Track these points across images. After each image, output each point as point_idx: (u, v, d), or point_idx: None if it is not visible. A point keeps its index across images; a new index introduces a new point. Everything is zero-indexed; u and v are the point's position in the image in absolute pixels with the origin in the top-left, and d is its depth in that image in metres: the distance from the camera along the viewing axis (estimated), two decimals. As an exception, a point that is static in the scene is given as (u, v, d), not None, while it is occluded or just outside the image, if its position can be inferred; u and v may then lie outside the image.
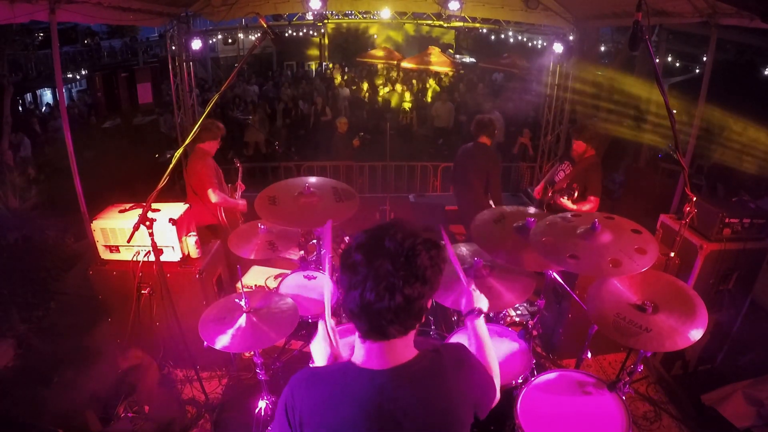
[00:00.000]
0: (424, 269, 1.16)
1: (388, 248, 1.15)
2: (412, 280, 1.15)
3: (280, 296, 2.67)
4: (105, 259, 3.27)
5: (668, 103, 2.68)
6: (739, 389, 3.02)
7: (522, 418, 2.17)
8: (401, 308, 1.16)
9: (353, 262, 1.18)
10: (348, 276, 1.19)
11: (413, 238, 1.17)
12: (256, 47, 3.06)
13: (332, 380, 1.26)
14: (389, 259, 1.14)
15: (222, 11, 6.30)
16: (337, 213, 3.00)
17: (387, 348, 1.22)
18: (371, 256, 1.15)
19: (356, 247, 1.19)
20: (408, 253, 1.15)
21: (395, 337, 1.21)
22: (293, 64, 20.87)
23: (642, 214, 4.22)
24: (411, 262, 1.15)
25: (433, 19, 7.01)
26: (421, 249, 1.16)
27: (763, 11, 3.33)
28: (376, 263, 1.15)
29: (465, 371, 1.31)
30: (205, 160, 4.12)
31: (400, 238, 1.16)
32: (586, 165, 4.10)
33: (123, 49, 19.25)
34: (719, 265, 3.45)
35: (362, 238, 1.20)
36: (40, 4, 3.72)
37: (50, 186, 7.17)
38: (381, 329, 1.19)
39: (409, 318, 1.20)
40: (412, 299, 1.16)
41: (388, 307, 1.15)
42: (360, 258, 1.17)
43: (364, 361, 1.24)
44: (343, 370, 1.27)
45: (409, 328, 1.23)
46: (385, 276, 1.14)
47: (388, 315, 1.16)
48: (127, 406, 2.97)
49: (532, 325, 2.74)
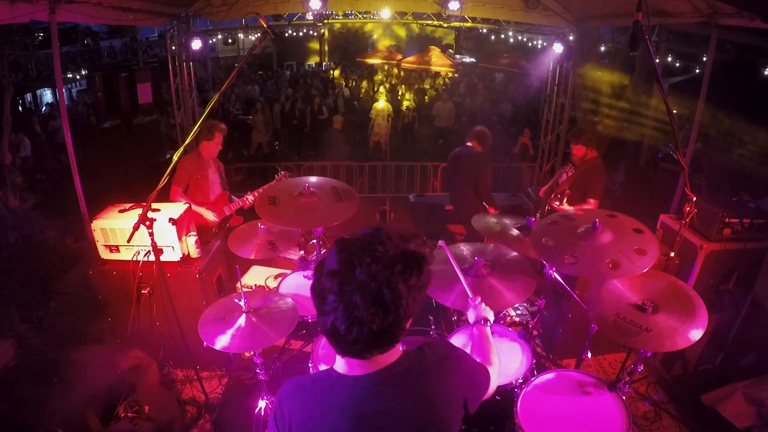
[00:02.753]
0: (398, 300, 1.09)
1: (360, 280, 1.08)
2: (383, 314, 1.09)
3: (280, 296, 2.67)
4: (105, 259, 3.27)
5: (668, 103, 2.68)
6: (739, 389, 3.01)
7: (522, 418, 2.17)
8: (374, 337, 1.12)
9: (322, 290, 1.12)
10: (318, 302, 1.15)
11: (389, 271, 1.08)
12: (256, 47, 3.06)
13: (317, 389, 1.25)
14: (360, 292, 1.07)
15: (222, 11, 6.30)
16: (337, 213, 3.00)
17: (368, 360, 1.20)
18: (341, 287, 1.09)
19: (327, 273, 1.12)
20: (380, 287, 1.08)
21: (373, 356, 1.19)
22: (293, 64, 20.88)
23: (642, 214, 4.21)
24: (383, 296, 1.08)
25: (433, 19, 7.01)
26: (397, 281, 1.09)
27: (763, 11, 3.33)
28: (345, 295, 1.08)
29: (450, 366, 1.30)
30: (188, 156, 4.02)
31: (375, 270, 1.08)
32: (587, 167, 4.11)
33: (123, 49, 19.23)
34: (719, 265, 3.45)
35: (334, 263, 1.12)
36: (40, 4, 3.71)
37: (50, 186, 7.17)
38: (354, 353, 1.18)
39: (385, 344, 1.17)
40: (384, 330, 1.11)
41: (357, 338, 1.11)
42: (329, 285, 1.11)
43: (346, 369, 1.22)
44: (326, 378, 1.25)
45: (386, 349, 1.19)
46: (354, 308, 1.08)
47: (359, 345, 1.13)
48: (127, 406, 2.97)
49: (532, 325, 2.75)
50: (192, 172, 4.08)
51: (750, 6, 3.65)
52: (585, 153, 4.13)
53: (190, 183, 4.10)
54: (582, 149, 4.12)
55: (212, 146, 4.16)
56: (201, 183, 4.15)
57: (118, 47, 19.16)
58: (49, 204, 6.19)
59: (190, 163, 4.06)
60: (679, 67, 14.53)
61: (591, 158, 4.13)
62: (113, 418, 2.91)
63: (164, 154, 8.56)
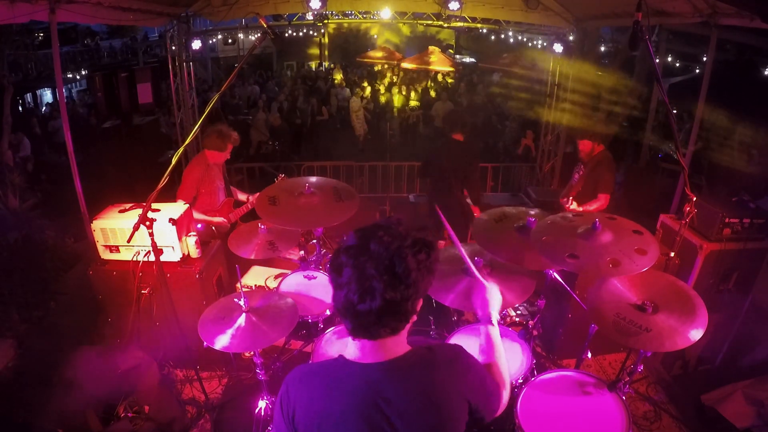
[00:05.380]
0: (408, 273, 1.17)
1: (373, 251, 1.16)
2: (395, 283, 1.16)
3: (280, 296, 2.67)
4: (105, 259, 3.28)
5: (668, 103, 2.68)
6: (739, 389, 3.01)
7: (522, 418, 2.17)
8: (384, 311, 1.18)
9: (339, 263, 1.20)
10: (334, 276, 1.21)
11: (400, 241, 1.18)
12: (256, 47, 3.06)
13: (325, 374, 1.28)
14: (372, 262, 1.16)
15: (222, 11, 6.31)
16: (337, 213, 3.00)
17: (378, 345, 1.24)
18: (356, 259, 1.17)
19: (344, 248, 1.21)
20: (392, 257, 1.16)
21: (384, 337, 1.23)
22: (293, 64, 20.88)
23: (642, 214, 4.21)
24: (394, 266, 1.16)
25: (433, 19, 7.01)
26: (407, 253, 1.17)
27: (763, 11, 3.32)
28: (360, 266, 1.16)
29: (458, 369, 1.31)
30: (194, 165, 3.94)
31: (387, 240, 1.17)
32: (596, 162, 4.10)
33: (123, 49, 19.21)
34: (719, 265, 3.46)
35: (351, 240, 1.21)
36: (40, 4, 3.71)
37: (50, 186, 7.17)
38: (367, 329, 1.22)
39: (395, 320, 1.22)
40: (395, 302, 1.18)
41: (370, 309, 1.17)
42: (346, 259, 1.19)
43: (356, 356, 1.26)
44: (335, 365, 1.29)
45: (396, 329, 1.24)
46: (367, 278, 1.15)
47: (371, 317, 1.18)
48: (127, 406, 2.97)
49: (532, 325, 2.75)
50: (200, 184, 3.94)
51: (750, 6, 3.65)
52: (592, 148, 4.11)
53: (198, 194, 3.96)
54: (588, 144, 4.10)
55: (222, 156, 4.04)
56: (210, 192, 4.04)
57: (118, 47, 19.15)
58: (49, 204, 6.19)
59: (199, 174, 3.93)
60: (679, 67, 14.54)
61: (599, 152, 4.11)
62: (113, 418, 2.91)
63: (164, 154, 8.57)
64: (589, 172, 4.12)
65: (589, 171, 4.13)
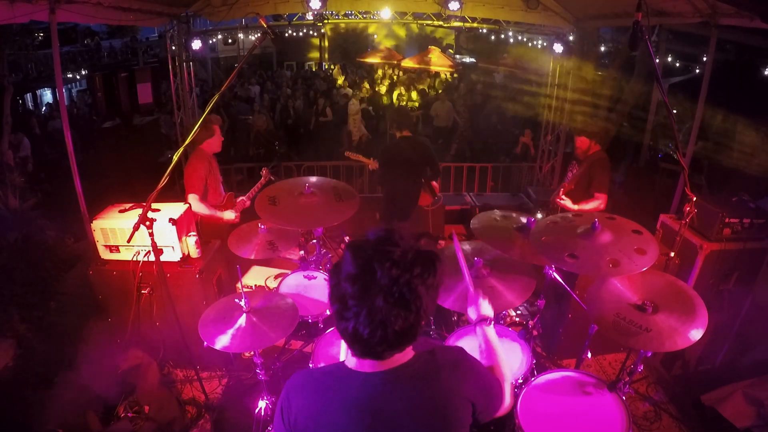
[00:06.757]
0: (419, 301, 1.13)
1: (381, 284, 1.10)
2: (406, 314, 1.13)
3: (280, 296, 2.67)
4: (105, 259, 3.27)
5: (668, 103, 2.68)
6: (739, 389, 3.01)
7: (522, 418, 2.17)
8: (396, 338, 1.15)
9: (343, 295, 1.14)
10: (338, 307, 1.16)
11: (409, 274, 1.11)
12: (256, 47, 3.06)
13: (326, 383, 1.26)
14: (382, 294, 1.10)
15: (222, 11, 6.30)
16: (337, 213, 3.00)
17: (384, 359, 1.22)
18: (363, 291, 1.11)
19: (346, 277, 1.14)
20: (402, 289, 1.11)
21: (390, 357, 1.21)
22: (293, 64, 20.87)
23: (642, 214, 4.21)
24: (405, 297, 1.12)
25: (433, 19, 7.01)
26: (417, 283, 1.12)
27: (763, 11, 3.33)
28: (368, 299, 1.11)
29: (461, 371, 1.31)
30: (197, 161, 3.89)
31: (395, 273, 1.10)
32: (591, 161, 4.07)
33: (123, 49, 19.20)
34: (719, 265, 3.45)
35: (352, 268, 1.13)
36: (40, 4, 3.71)
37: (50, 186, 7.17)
38: (376, 354, 1.19)
39: (405, 342, 1.21)
40: (406, 330, 1.15)
41: (382, 340, 1.14)
42: (351, 291, 1.12)
43: (358, 364, 1.23)
44: (336, 373, 1.26)
45: (405, 348, 1.23)
46: (378, 312, 1.11)
47: (383, 346, 1.16)
48: (127, 406, 2.97)
49: (532, 325, 2.75)
50: (207, 176, 3.92)
51: (750, 6, 3.65)
52: (588, 146, 4.05)
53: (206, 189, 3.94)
54: (585, 141, 4.04)
55: (214, 141, 3.97)
56: (215, 185, 4.03)
57: (118, 47, 19.15)
58: (49, 204, 6.20)
59: (203, 167, 3.88)
60: (679, 67, 14.53)
61: (594, 153, 4.06)
62: (113, 418, 2.92)
63: (164, 154, 8.57)
64: (584, 171, 4.10)
65: (584, 170, 4.10)
